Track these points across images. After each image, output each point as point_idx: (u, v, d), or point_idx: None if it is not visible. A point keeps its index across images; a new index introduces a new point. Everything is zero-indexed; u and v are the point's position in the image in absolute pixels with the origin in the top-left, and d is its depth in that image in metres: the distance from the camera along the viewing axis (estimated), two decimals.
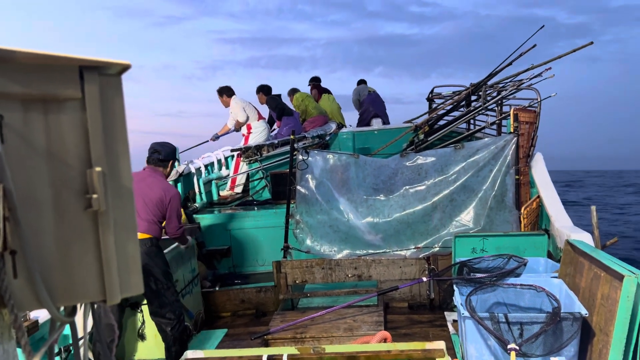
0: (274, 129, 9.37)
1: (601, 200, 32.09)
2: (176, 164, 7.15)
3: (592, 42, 6.33)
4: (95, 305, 1.06)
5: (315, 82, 10.92)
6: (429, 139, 7.16)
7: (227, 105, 8.68)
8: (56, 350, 3.62)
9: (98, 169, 0.97)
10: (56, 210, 0.96)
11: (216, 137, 9.07)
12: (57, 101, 0.96)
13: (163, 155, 4.39)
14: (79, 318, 1.07)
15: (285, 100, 9.69)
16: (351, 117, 11.39)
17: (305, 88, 10.62)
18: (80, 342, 1.12)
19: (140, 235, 4.03)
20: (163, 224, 4.40)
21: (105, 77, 0.99)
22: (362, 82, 11.08)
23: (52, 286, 0.95)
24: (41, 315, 3.25)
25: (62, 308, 1.00)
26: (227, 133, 9.07)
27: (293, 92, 10.02)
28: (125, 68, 1.01)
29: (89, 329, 3.84)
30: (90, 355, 3.81)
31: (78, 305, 1.03)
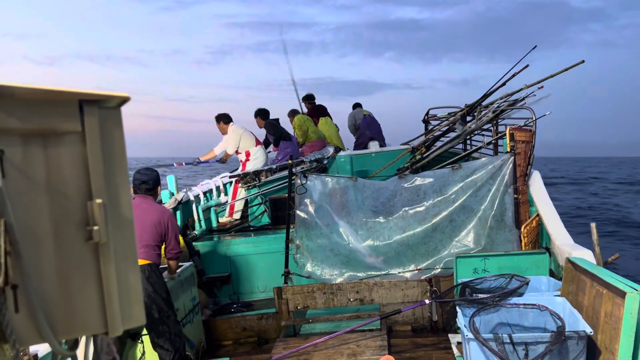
0: (269, 151, 9.39)
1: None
2: (174, 191, 7.16)
3: (583, 61, 6.40)
4: (98, 338, 1.05)
5: (309, 100, 11.00)
6: (426, 159, 7.19)
7: (224, 132, 8.65)
8: None
9: (98, 200, 0.98)
10: (57, 243, 0.96)
11: (198, 162, 8.93)
12: (57, 135, 0.98)
13: (151, 184, 4.41)
14: (80, 351, 1.06)
15: (285, 120, 9.78)
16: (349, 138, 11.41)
17: (317, 73, 10.72)
18: None
19: (139, 262, 4.02)
20: (162, 249, 4.40)
21: (104, 110, 1.01)
22: (357, 105, 11.18)
23: (54, 320, 0.95)
24: (41, 349, 3.21)
25: (63, 341, 1.00)
26: (207, 162, 8.91)
27: (293, 113, 10.11)
28: (124, 100, 1.02)
29: None
30: None
31: (79, 338, 1.03)
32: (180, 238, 6.16)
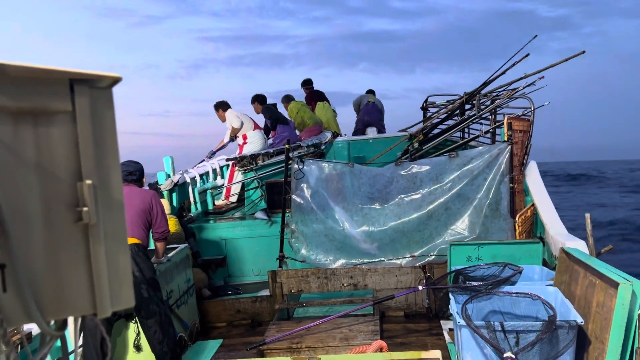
0: (270, 138, 9.38)
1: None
2: (171, 173, 7.15)
3: (584, 52, 6.37)
4: (87, 318, 1.05)
5: (307, 85, 10.91)
6: (423, 147, 7.18)
7: (223, 119, 8.73)
8: None
9: (89, 181, 0.97)
10: (46, 223, 0.95)
11: (212, 154, 9.08)
12: (47, 114, 0.96)
13: (138, 175, 4.54)
14: (69, 332, 1.06)
15: (280, 107, 9.70)
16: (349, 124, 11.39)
17: (293, 85, 10.65)
18: (71, 355, 1.11)
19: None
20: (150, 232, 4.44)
21: (96, 90, 0.99)
22: (370, 91, 11.10)
23: (42, 300, 0.95)
24: (34, 327, 3.22)
25: (52, 322, 0.99)
26: (222, 147, 9.08)
27: (287, 99, 9.97)
28: (116, 81, 1.01)
29: (80, 342, 3.79)
30: None
31: (68, 319, 1.02)
32: (176, 220, 6.17)
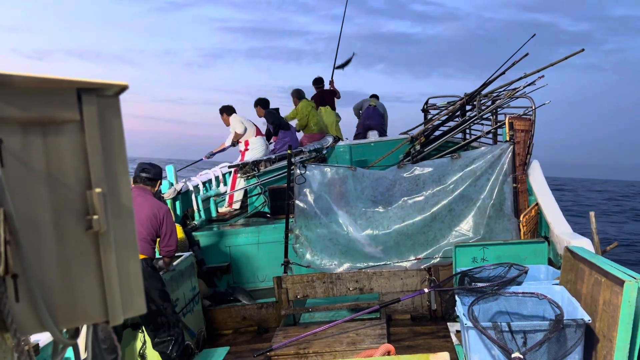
0: (272, 142, 9.40)
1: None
2: (174, 181, 7.16)
3: (583, 49, 6.38)
4: (99, 327, 1.05)
5: (318, 84, 10.88)
6: (425, 149, 7.18)
7: (227, 123, 8.79)
8: None
9: (98, 190, 0.98)
10: (57, 232, 0.96)
11: (211, 155, 9.09)
12: (56, 124, 0.97)
13: (152, 174, 4.36)
14: (81, 340, 1.06)
15: (288, 100, 9.75)
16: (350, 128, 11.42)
17: (309, 82, 10.69)
18: None
19: None
20: (156, 244, 4.38)
21: (103, 98, 1.00)
22: (373, 95, 11.07)
23: (54, 309, 0.95)
24: (42, 338, 3.22)
25: (64, 330, 1.00)
26: (222, 150, 9.09)
27: (298, 94, 9.81)
28: (122, 89, 1.01)
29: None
30: None
31: (80, 327, 1.03)
32: (180, 228, 6.17)
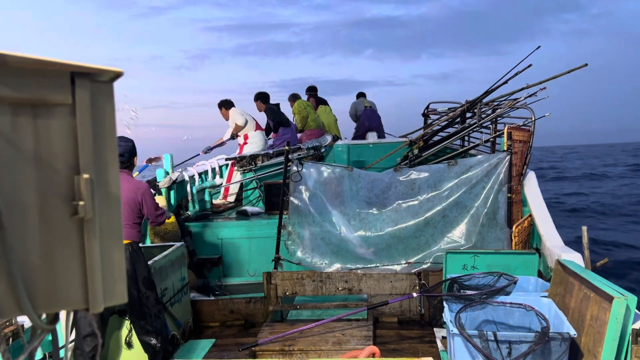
0: (270, 138, 9.38)
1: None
2: (169, 170, 7.13)
3: (586, 64, 6.38)
4: (80, 314, 1.04)
5: (312, 92, 10.96)
6: (423, 154, 7.19)
7: (227, 117, 8.72)
8: (41, 356, 3.57)
9: (86, 175, 0.96)
10: (41, 215, 0.94)
11: (209, 150, 9.04)
12: (47, 106, 0.96)
13: (127, 156, 4.07)
14: (61, 326, 1.05)
15: (280, 94, 9.78)
16: (348, 129, 11.44)
17: (299, 74, 10.68)
18: (62, 350, 1.10)
19: None
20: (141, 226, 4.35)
21: (96, 83, 0.99)
22: (361, 94, 11.12)
23: (34, 293, 0.94)
24: (27, 319, 3.20)
25: (44, 315, 0.99)
26: (221, 144, 9.04)
27: (294, 97, 10.00)
28: (117, 75, 1.00)
29: (72, 337, 3.76)
30: None
31: (60, 313, 1.02)
32: (173, 218, 6.15)
